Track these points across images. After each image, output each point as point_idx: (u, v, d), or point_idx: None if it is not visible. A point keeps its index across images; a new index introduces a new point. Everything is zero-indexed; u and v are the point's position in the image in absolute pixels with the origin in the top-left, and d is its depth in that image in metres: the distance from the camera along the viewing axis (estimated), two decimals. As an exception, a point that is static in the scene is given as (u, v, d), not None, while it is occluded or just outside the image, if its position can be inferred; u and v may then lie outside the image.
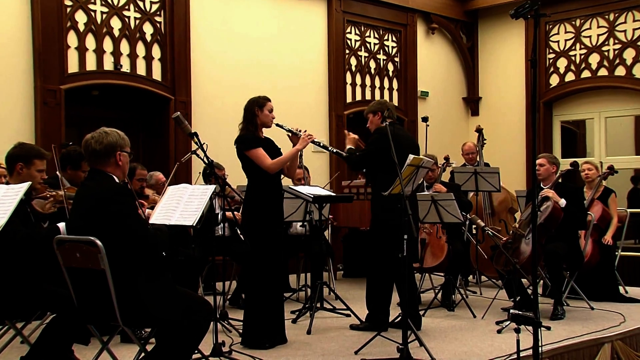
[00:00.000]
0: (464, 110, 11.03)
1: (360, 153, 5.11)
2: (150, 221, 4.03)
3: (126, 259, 3.30)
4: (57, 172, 5.10)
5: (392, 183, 4.53)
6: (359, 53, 9.60)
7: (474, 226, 6.97)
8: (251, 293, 4.68)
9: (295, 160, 4.84)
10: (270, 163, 4.59)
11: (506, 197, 7.70)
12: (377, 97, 9.78)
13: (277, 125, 4.78)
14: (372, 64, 9.76)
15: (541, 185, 5.82)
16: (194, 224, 3.95)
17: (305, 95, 8.93)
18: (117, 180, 3.44)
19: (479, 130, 7.95)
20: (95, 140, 3.43)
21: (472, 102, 10.99)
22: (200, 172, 6.60)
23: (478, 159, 7.85)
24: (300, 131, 4.79)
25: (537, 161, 5.86)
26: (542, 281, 6.30)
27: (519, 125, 10.42)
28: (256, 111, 4.69)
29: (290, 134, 4.83)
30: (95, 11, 7.24)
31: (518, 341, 3.50)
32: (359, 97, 9.58)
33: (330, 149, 4.93)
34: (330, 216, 7.07)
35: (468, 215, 6.28)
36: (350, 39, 9.49)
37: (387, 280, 5.01)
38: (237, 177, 5.89)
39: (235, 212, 6.12)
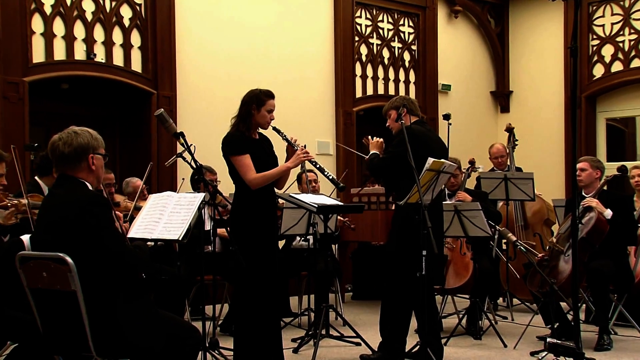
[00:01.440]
0: (492, 107, 11.03)
1: (383, 156, 5.08)
2: (129, 235, 4.03)
3: (101, 278, 3.28)
4: (36, 177, 5.11)
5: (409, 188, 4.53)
6: (371, 40, 9.62)
7: (504, 241, 6.95)
8: (244, 318, 4.67)
9: (285, 176, 4.82)
10: (252, 177, 4.56)
11: (541, 207, 7.68)
12: (392, 91, 9.78)
13: (274, 129, 4.75)
14: (386, 53, 9.78)
15: (583, 194, 5.80)
16: (180, 238, 3.94)
17: (308, 90, 8.95)
18: (90, 188, 3.43)
19: (510, 130, 7.94)
20: (63, 141, 3.42)
21: (501, 97, 10.99)
22: (183, 179, 6.61)
23: (508, 163, 7.84)
24: (296, 143, 4.75)
25: (578, 165, 5.84)
26: (584, 305, 6.27)
27: (556, 124, 10.41)
28: (252, 109, 4.66)
29: (287, 143, 4.82)
30: (65, -8, 7.28)
31: (557, 375, 3.49)
32: (370, 92, 9.59)
33: (326, 173, 4.84)
34: (347, 219, 7.04)
35: (497, 228, 6.26)
36: (360, 25, 9.51)
37: (405, 303, 4.99)
38: (230, 183, 5.89)
39: (223, 231, 6.14)
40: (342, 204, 5.65)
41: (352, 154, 9.09)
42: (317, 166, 4.78)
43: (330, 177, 4.81)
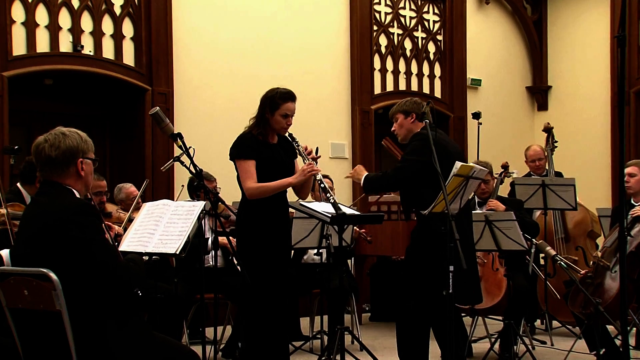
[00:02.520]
0: (528, 104, 11.01)
1: (398, 166, 5.06)
2: (121, 249, 4.04)
3: (89, 297, 3.29)
4: (18, 185, 5.14)
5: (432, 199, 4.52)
6: (391, 30, 9.63)
7: (541, 255, 6.91)
8: (248, 341, 4.67)
9: (307, 185, 4.84)
10: (249, 186, 4.60)
11: (585, 217, 7.64)
12: (415, 87, 9.78)
13: (290, 136, 4.77)
14: (408, 44, 9.78)
15: (632, 202, 5.77)
16: (177, 252, 3.95)
17: (320, 86, 8.96)
18: (77, 196, 3.44)
19: (548, 130, 7.91)
20: (50, 144, 3.43)
21: (538, 93, 10.96)
22: (183, 185, 6.62)
23: (547, 167, 7.81)
24: (306, 153, 4.76)
25: (626, 170, 5.81)
26: (634, 329, 6.23)
27: (601, 123, 10.37)
28: (266, 113, 4.69)
29: (298, 153, 4.83)
30: (49, -24, 7.32)
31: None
32: (390, 87, 9.59)
33: (329, 196, 4.82)
34: (362, 230, 7.04)
35: (534, 241, 6.23)
36: (380, 12, 9.52)
37: (424, 325, 4.99)
38: (232, 191, 5.90)
39: (231, 237, 6.12)
40: (358, 213, 5.64)
41: (371, 158, 9.09)
42: (322, 186, 4.76)
43: (332, 202, 4.77)
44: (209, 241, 6.12)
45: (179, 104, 7.94)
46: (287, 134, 4.77)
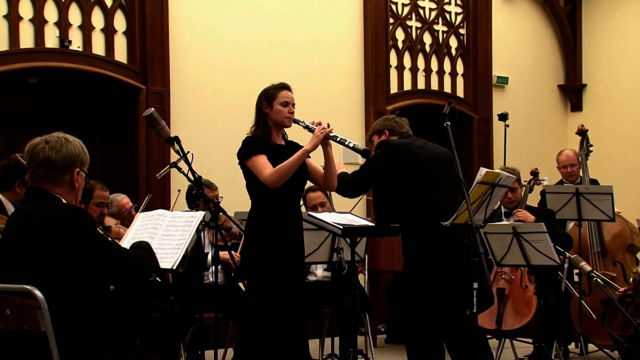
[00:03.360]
0: (560, 104, 10.99)
1: (355, 171, 5.26)
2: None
3: (79, 317, 3.30)
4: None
5: (424, 208, 4.59)
6: (409, 23, 9.63)
7: (575, 271, 6.89)
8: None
9: (330, 166, 4.89)
10: (268, 174, 4.64)
11: (623, 229, 7.61)
12: (435, 85, 9.78)
13: (294, 121, 4.85)
14: (427, 39, 9.79)
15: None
16: (174, 267, 3.96)
17: (331, 84, 8.97)
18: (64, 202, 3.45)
19: (583, 133, 7.89)
20: (51, 146, 3.45)
21: (572, 92, 10.94)
22: (179, 190, 6.62)
23: (581, 174, 7.79)
24: (314, 124, 4.85)
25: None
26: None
27: (641, 125, 10.37)
28: (264, 108, 4.74)
29: (307, 130, 4.91)
30: (33, -35, 7.35)
31: None
32: (407, 86, 9.59)
33: (348, 143, 4.92)
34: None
35: (567, 255, 6.22)
36: (396, 3, 9.52)
37: (438, 348, 5.01)
38: (234, 201, 5.92)
39: (233, 252, 6.11)
40: (372, 224, 5.64)
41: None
42: (338, 139, 4.86)
43: (352, 145, 4.89)
44: (209, 256, 6.13)
45: (176, 104, 7.95)
46: (293, 120, 4.85)
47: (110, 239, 3.59)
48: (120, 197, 6.65)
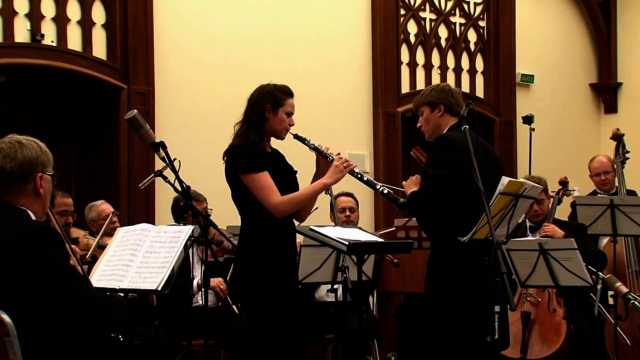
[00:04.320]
0: (592, 105, 10.99)
1: (422, 185, 5.02)
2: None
3: (50, 343, 3.30)
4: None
5: (469, 224, 4.53)
6: (422, 15, 9.65)
7: (610, 293, 6.88)
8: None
9: (313, 200, 4.88)
10: (277, 201, 4.61)
11: (664, 245, 7.61)
12: (451, 83, 9.74)
13: (296, 137, 4.81)
14: (443, 32, 9.81)
15: None
16: (159, 289, 3.97)
17: (335, 83, 8.98)
18: (33, 218, 3.45)
19: (618, 137, 7.89)
20: (4, 154, 3.43)
21: (606, 92, 10.95)
22: (159, 191, 6.64)
23: (616, 184, 7.80)
24: (330, 153, 4.81)
25: None
26: None
27: (682, 129, 10.36)
28: (266, 112, 4.72)
29: (316, 153, 4.87)
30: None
31: None
32: (421, 85, 9.58)
33: (379, 187, 4.88)
34: (389, 257, 7.04)
35: (601, 275, 6.21)
36: (408, -8, 9.57)
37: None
38: (225, 213, 5.91)
39: (219, 283, 6.14)
40: (382, 240, 5.64)
41: (396, 171, 9.08)
42: (365, 179, 4.82)
43: (386, 192, 4.83)
44: (195, 283, 6.14)
45: (161, 105, 7.97)
46: (292, 136, 4.81)
47: (79, 267, 3.57)
48: (99, 203, 6.69)
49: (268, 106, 4.72)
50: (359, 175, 4.84)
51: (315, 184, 4.75)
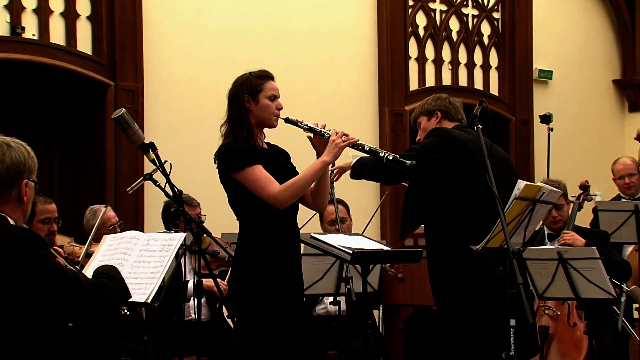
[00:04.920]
0: (615, 103, 10.99)
1: (399, 153, 5.01)
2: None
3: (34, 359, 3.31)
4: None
5: (471, 223, 4.55)
6: (432, 6, 9.66)
7: (635, 306, 6.88)
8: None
9: (324, 180, 4.84)
10: (276, 190, 4.59)
11: (693, 254, 7.61)
12: (463, 81, 9.78)
13: (288, 121, 4.80)
14: (454, 25, 9.81)
15: None
16: (149, 301, 3.97)
17: (338, 79, 8.99)
18: (11, 223, 3.45)
19: (643, 138, 7.91)
20: None
21: (630, 89, 10.94)
22: (148, 196, 6.63)
23: (641, 188, 7.82)
24: (326, 130, 4.79)
25: None
26: None
27: None
28: (246, 101, 4.71)
29: (311, 134, 4.86)
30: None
31: None
32: (430, 82, 9.61)
33: (382, 154, 4.84)
34: (391, 267, 7.04)
35: (624, 287, 6.21)
36: (417, -18, 9.58)
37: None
38: (220, 220, 5.92)
39: (220, 280, 6.11)
40: (388, 248, 5.65)
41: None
42: (367, 149, 4.79)
43: (392, 158, 4.78)
44: (189, 285, 6.14)
45: (151, 104, 7.97)
46: (284, 120, 4.79)
47: (68, 265, 3.59)
48: (103, 207, 6.65)
49: (246, 96, 4.70)
50: (361, 147, 4.82)
51: (313, 163, 4.68)
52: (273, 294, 4.65)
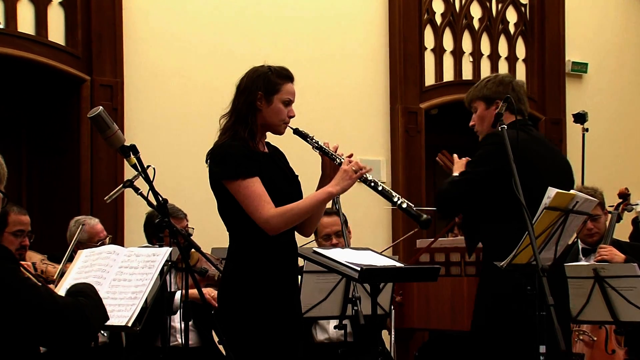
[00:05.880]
0: (658, 100, 11.01)
1: (456, 178, 5.10)
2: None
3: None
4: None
5: (517, 240, 4.53)
6: (450, -10, 9.70)
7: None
8: None
9: (321, 209, 4.85)
10: (270, 215, 4.56)
11: None
12: (486, 73, 9.76)
13: (297, 132, 4.78)
14: (476, 11, 9.83)
15: None
16: (130, 324, 3.98)
17: (344, 74, 9.00)
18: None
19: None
20: None
21: (675, 84, 10.97)
22: (129, 206, 6.63)
23: (689, 196, 7.82)
24: (338, 155, 4.78)
25: None
26: None
27: None
28: (258, 101, 4.70)
29: (321, 153, 4.85)
30: None
31: None
32: (449, 76, 9.63)
33: (396, 199, 4.84)
34: (398, 297, 7.07)
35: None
36: (433, -37, 9.60)
37: None
38: (210, 232, 5.92)
39: (210, 291, 6.13)
40: (402, 265, 5.64)
41: (419, 181, 9.09)
42: (380, 189, 4.76)
43: (405, 207, 4.77)
44: (176, 296, 6.14)
45: (132, 101, 7.98)
46: (292, 130, 4.77)
47: (40, 283, 3.60)
48: (93, 221, 6.65)
49: (260, 93, 4.66)
50: (373, 184, 4.79)
51: (317, 193, 4.68)
52: (267, 318, 4.64)
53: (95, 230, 6.47)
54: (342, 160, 4.71)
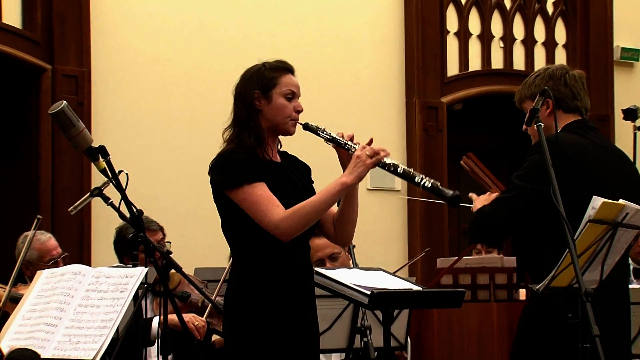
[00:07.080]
0: None
1: (499, 197, 5.11)
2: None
3: None
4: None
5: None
6: (477, -33, 9.72)
7: None
8: None
9: (350, 205, 4.85)
10: (280, 217, 4.59)
11: None
12: (519, 65, 9.81)
13: (307, 127, 4.80)
14: (508, -10, 9.86)
15: None
16: (98, 359, 3.98)
17: (354, 63, 9.04)
18: None
19: None
20: None
21: None
22: (97, 219, 6.63)
23: None
24: (352, 143, 4.80)
25: None
26: None
27: None
28: (256, 100, 4.72)
29: (335, 146, 4.87)
30: None
31: None
32: (475, 65, 9.64)
33: (418, 179, 4.85)
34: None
35: None
36: None
37: None
38: (192, 248, 5.92)
39: (192, 318, 6.12)
40: (419, 288, 5.65)
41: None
42: (400, 171, 4.78)
43: (430, 186, 4.78)
44: (154, 322, 6.14)
45: (100, 94, 8.00)
46: (302, 126, 4.79)
47: None
48: (44, 236, 6.63)
49: (256, 92, 4.70)
50: (393, 168, 4.81)
51: (330, 185, 4.70)
52: (280, 354, 4.65)
53: (47, 247, 6.46)
54: (355, 147, 4.73)
